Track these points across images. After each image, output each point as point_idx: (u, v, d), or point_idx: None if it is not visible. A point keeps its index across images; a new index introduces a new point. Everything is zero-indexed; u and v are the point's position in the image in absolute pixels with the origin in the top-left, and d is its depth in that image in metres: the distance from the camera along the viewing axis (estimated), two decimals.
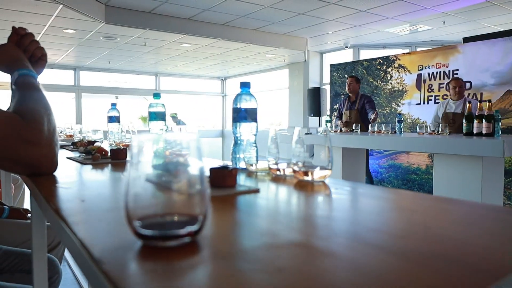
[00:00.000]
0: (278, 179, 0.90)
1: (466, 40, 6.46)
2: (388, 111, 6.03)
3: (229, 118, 11.24)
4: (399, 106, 5.91)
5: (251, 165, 1.00)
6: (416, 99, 5.72)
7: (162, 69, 9.51)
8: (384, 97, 6.07)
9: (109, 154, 1.32)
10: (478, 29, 6.40)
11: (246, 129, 1.04)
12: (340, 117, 5.13)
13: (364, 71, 6.34)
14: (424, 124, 4.69)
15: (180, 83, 10.51)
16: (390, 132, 4.03)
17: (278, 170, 0.93)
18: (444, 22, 6.01)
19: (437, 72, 5.44)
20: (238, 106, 1.04)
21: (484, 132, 3.27)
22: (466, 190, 3.06)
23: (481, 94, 4.96)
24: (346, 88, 5.03)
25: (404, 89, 5.85)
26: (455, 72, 5.22)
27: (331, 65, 6.94)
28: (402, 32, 6.61)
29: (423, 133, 3.83)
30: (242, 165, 1.04)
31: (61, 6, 4.48)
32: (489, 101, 3.34)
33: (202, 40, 6.39)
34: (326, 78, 8.00)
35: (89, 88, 9.07)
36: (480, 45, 5.04)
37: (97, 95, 9.39)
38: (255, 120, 1.05)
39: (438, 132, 3.75)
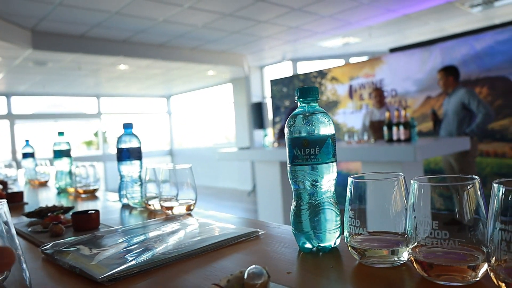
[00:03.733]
0: (152, 214, 0.97)
1: (393, 50, 6.93)
2: None
3: (176, 136, 11.18)
4: (335, 115, 6.19)
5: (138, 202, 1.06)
6: (350, 108, 6.03)
7: (103, 91, 9.31)
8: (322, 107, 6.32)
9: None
10: (402, 40, 6.88)
11: (129, 168, 1.10)
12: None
13: (301, 84, 6.59)
14: (352, 132, 4.94)
15: (124, 103, 10.33)
16: None
17: (149, 205, 0.99)
18: (370, 35, 6.41)
19: (366, 82, 5.78)
20: (121, 147, 1.09)
21: (402, 138, 3.52)
22: None
23: (406, 101, 5.33)
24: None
25: (338, 100, 6.15)
26: (381, 81, 5.57)
27: (271, 80, 7.14)
28: (335, 45, 6.96)
29: (351, 142, 4.05)
30: (125, 201, 1.10)
31: None
32: (405, 109, 3.62)
33: (139, 61, 6.37)
34: (268, 91, 8.21)
35: (23, 116, 8.66)
36: (401, 56, 5.42)
37: (35, 121, 9.00)
38: (138, 158, 1.11)
39: (364, 140, 3.98)
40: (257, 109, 7.65)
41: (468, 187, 0.43)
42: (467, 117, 3.86)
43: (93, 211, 0.82)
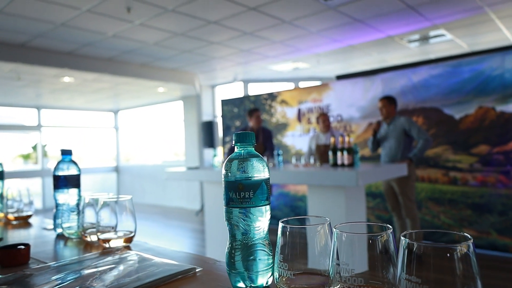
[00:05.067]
0: (89, 246, 0.94)
1: (339, 77, 7.27)
2: (274, 142, 6.41)
3: (123, 152, 10.82)
4: (284, 137, 6.34)
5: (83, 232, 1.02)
6: (298, 131, 6.21)
7: (45, 103, 8.85)
8: (271, 129, 6.46)
9: None
10: (348, 67, 7.26)
11: (66, 196, 1.06)
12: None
13: (252, 105, 6.70)
14: (299, 155, 5.08)
15: (68, 116, 9.87)
16: (272, 165, 4.29)
17: (86, 236, 0.97)
18: (318, 61, 6.70)
19: (314, 107, 6.00)
20: (58, 174, 1.06)
21: (346, 163, 3.68)
22: (333, 216, 3.38)
23: (350, 126, 5.59)
24: (254, 122, 4.92)
25: (287, 122, 6.32)
26: (328, 106, 5.82)
27: (222, 100, 7.19)
28: (285, 69, 7.18)
29: (298, 165, 4.16)
30: (59, 230, 1.06)
31: None
32: (348, 135, 3.80)
33: (85, 74, 6.16)
34: (219, 111, 8.24)
35: None
36: (346, 83, 5.71)
37: None
38: (76, 186, 1.08)
39: (311, 163, 4.11)
40: (208, 128, 7.64)
41: (382, 236, 0.47)
42: (407, 143, 4.12)
43: (22, 246, 0.78)
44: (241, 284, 0.59)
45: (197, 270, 0.72)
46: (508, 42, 5.89)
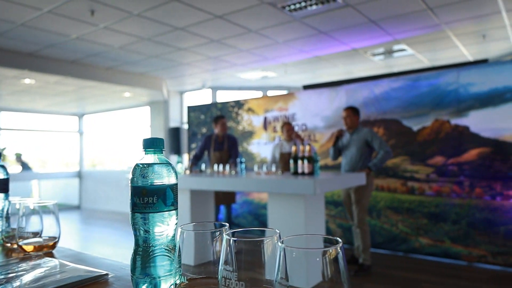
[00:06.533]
0: (10, 252, 0.91)
1: (306, 87, 7.39)
2: (240, 150, 6.42)
3: (87, 157, 10.52)
4: (249, 145, 6.37)
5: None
6: (264, 139, 6.25)
7: (3, 105, 8.51)
8: (237, 137, 6.47)
9: None
10: (316, 78, 7.40)
11: None
12: (199, 157, 5.09)
13: (219, 113, 6.69)
14: (261, 163, 5.09)
15: (29, 119, 9.52)
16: (235, 172, 4.29)
17: (7, 242, 0.94)
18: (286, 71, 6.79)
19: (279, 115, 6.06)
20: None
21: (306, 171, 3.73)
22: (293, 223, 3.42)
23: (314, 135, 5.68)
24: (219, 129, 4.95)
25: (253, 130, 6.35)
26: (294, 115, 5.89)
27: (189, 107, 7.15)
28: (254, 77, 7.23)
29: (260, 173, 4.17)
30: None
31: None
32: (309, 144, 3.86)
33: (47, 76, 5.97)
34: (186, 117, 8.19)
35: None
36: (311, 93, 5.81)
37: None
38: (3, 191, 1.04)
39: (273, 171, 4.13)
40: (174, 134, 7.58)
41: (267, 242, 0.48)
42: (368, 153, 4.22)
43: None
44: None
45: (110, 276, 0.71)
46: (465, 59, 6.18)
